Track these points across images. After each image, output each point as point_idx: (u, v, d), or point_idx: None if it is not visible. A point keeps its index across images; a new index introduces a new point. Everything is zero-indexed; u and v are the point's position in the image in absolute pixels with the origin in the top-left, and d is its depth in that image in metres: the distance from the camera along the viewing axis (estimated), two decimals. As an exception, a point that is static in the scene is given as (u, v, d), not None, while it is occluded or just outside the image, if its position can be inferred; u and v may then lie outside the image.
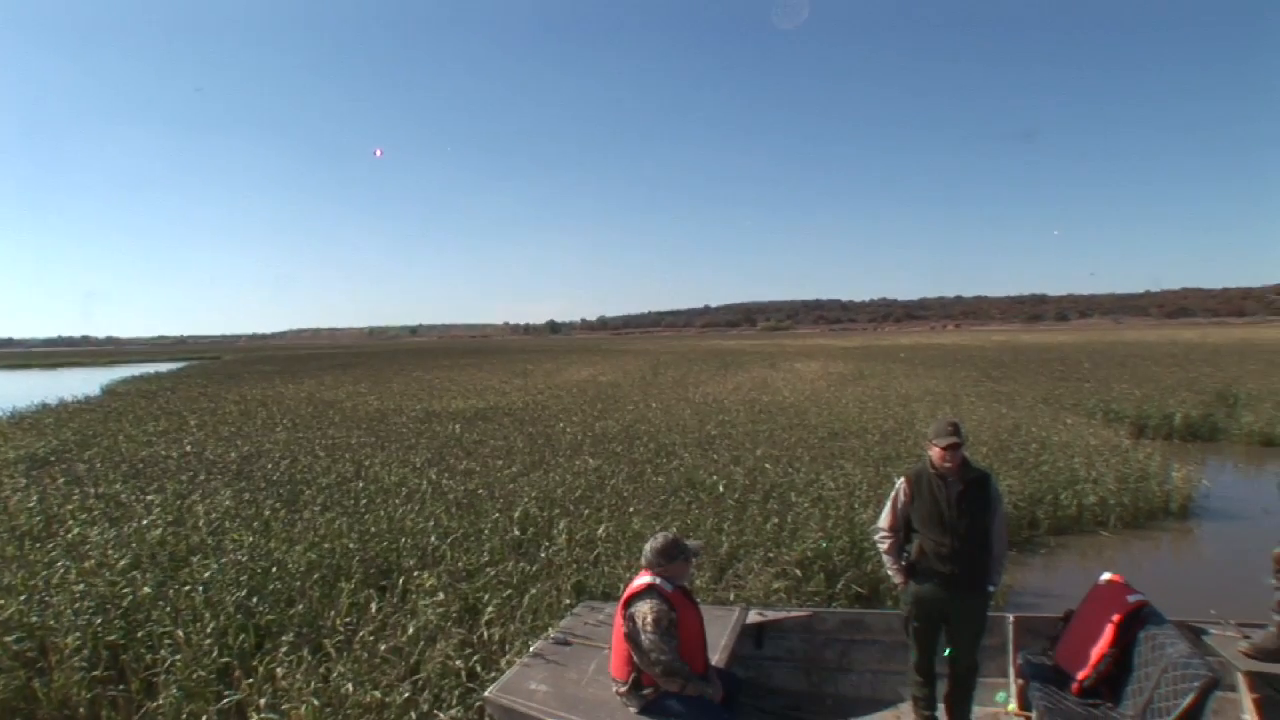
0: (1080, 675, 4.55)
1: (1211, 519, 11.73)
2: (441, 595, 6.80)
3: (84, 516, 9.52)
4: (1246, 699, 5.28)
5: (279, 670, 5.61)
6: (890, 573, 5.09)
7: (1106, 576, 4.89)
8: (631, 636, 4.18)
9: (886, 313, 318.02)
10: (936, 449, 4.78)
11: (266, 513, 9.60)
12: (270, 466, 12.94)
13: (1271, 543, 4.46)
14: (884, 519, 5.05)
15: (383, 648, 5.86)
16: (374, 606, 6.64)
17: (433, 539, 8.38)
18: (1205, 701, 3.71)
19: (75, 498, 10.56)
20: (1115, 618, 4.53)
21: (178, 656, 5.79)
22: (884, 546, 5.06)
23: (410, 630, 6.12)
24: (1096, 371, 32.34)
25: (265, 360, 72.12)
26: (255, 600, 6.76)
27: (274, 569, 7.44)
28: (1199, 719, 3.74)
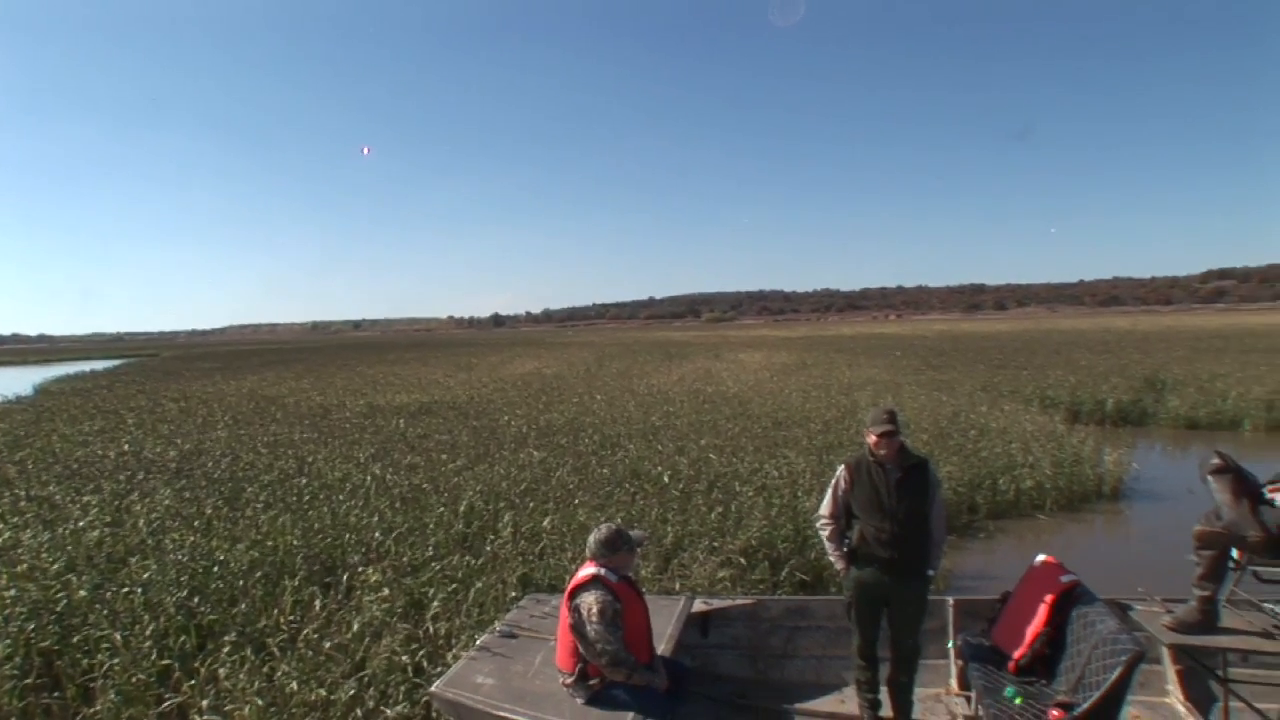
0: (1016, 654, 4.67)
1: (1141, 500, 12.13)
2: (386, 590, 6.76)
3: (15, 520, 9.24)
4: (1170, 670, 5.54)
5: (222, 671, 5.53)
6: (832, 559, 5.15)
7: (1041, 558, 5.02)
8: (577, 628, 4.20)
9: (829, 303, 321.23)
10: (873, 436, 4.86)
11: (208, 511, 9.44)
12: (211, 465, 12.70)
13: (1194, 521, 4.63)
14: (825, 506, 5.12)
15: (327, 645, 5.81)
16: (318, 604, 6.59)
17: (377, 534, 8.32)
18: (1132, 674, 3.84)
19: (5, 500, 10.27)
20: (1049, 598, 4.67)
21: (116, 660, 5.68)
22: (825, 534, 5.12)
23: (355, 627, 6.07)
24: (1033, 359, 33.08)
25: (205, 357, 70.63)
26: (197, 600, 6.65)
27: (215, 568, 7.32)
28: (1126, 691, 3.88)
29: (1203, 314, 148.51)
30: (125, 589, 6.81)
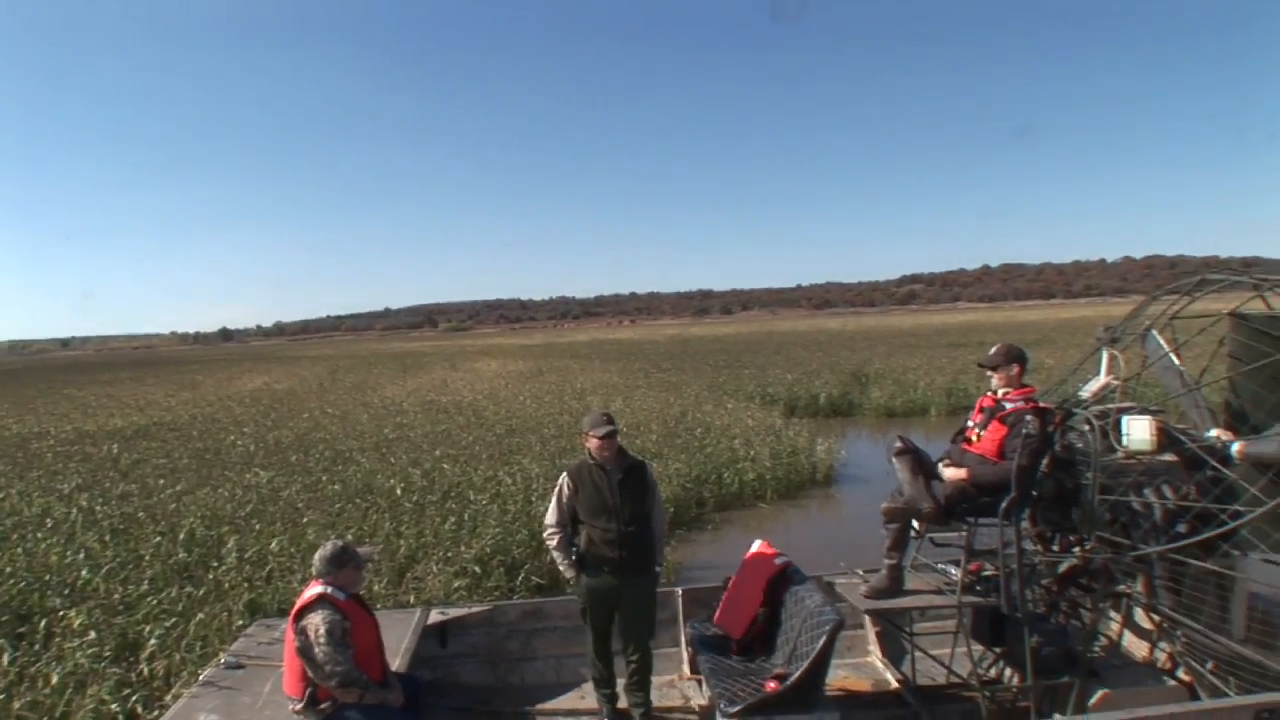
0: (737, 636, 4.97)
1: (849, 484, 13.37)
2: (94, 634, 6.19)
3: None
4: (871, 633, 6.17)
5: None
6: (562, 568, 5.24)
7: (757, 544, 5.35)
8: (304, 650, 4.00)
9: (565, 310, 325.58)
10: (594, 439, 4.97)
11: None
12: None
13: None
14: (551, 515, 5.17)
15: (17, 705, 5.26)
16: (5, 658, 5.91)
17: (84, 572, 7.60)
18: (834, 642, 4.21)
19: None
20: (764, 580, 4.99)
21: None
22: (553, 543, 5.18)
23: (55, 679, 5.52)
24: (755, 359, 35.30)
25: None
26: None
27: None
28: (830, 657, 4.26)
29: (898, 315, 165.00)
30: None
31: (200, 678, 4.92)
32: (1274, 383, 5.03)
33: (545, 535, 5.28)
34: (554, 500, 5.17)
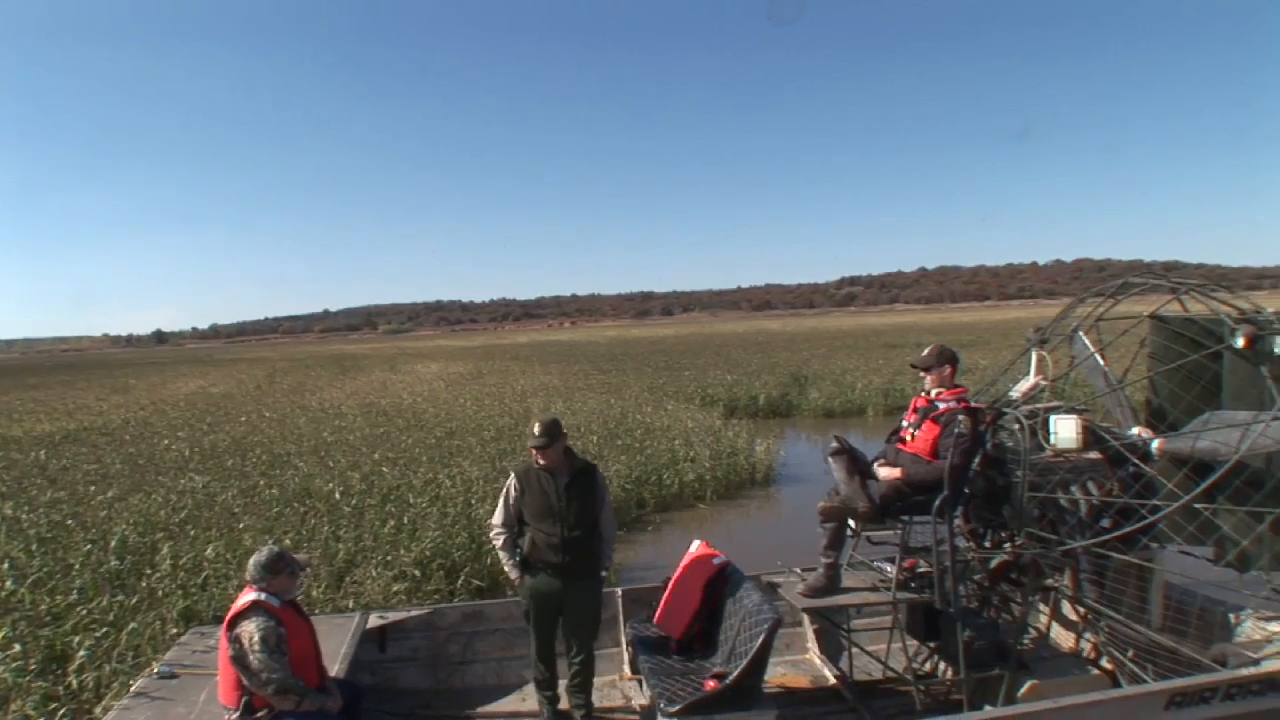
0: (677, 635, 4.99)
1: (788, 483, 13.53)
2: (18, 647, 5.99)
3: None
4: (809, 630, 6.26)
5: None
6: (506, 569, 5.22)
7: (696, 544, 5.36)
8: (239, 659, 3.93)
9: (506, 312, 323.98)
10: (533, 450, 5.01)
11: None
12: None
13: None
14: (497, 515, 5.17)
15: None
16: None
17: (9, 583, 7.35)
18: (773, 640, 4.25)
19: None
20: (702, 580, 5.01)
21: None
22: (499, 543, 5.18)
23: (-27, 698, 5.34)
24: (696, 360, 35.50)
25: None
26: None
27: None
28: (769, 655, 4.31)
29: (837, 316, 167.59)
30: None
31: (132, 689, 4.79)
32: (1190, 382, 5.24)
33: (491, 535, 5.28)
34: (501, 501, 5.17)
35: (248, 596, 4.09)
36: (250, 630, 3.94)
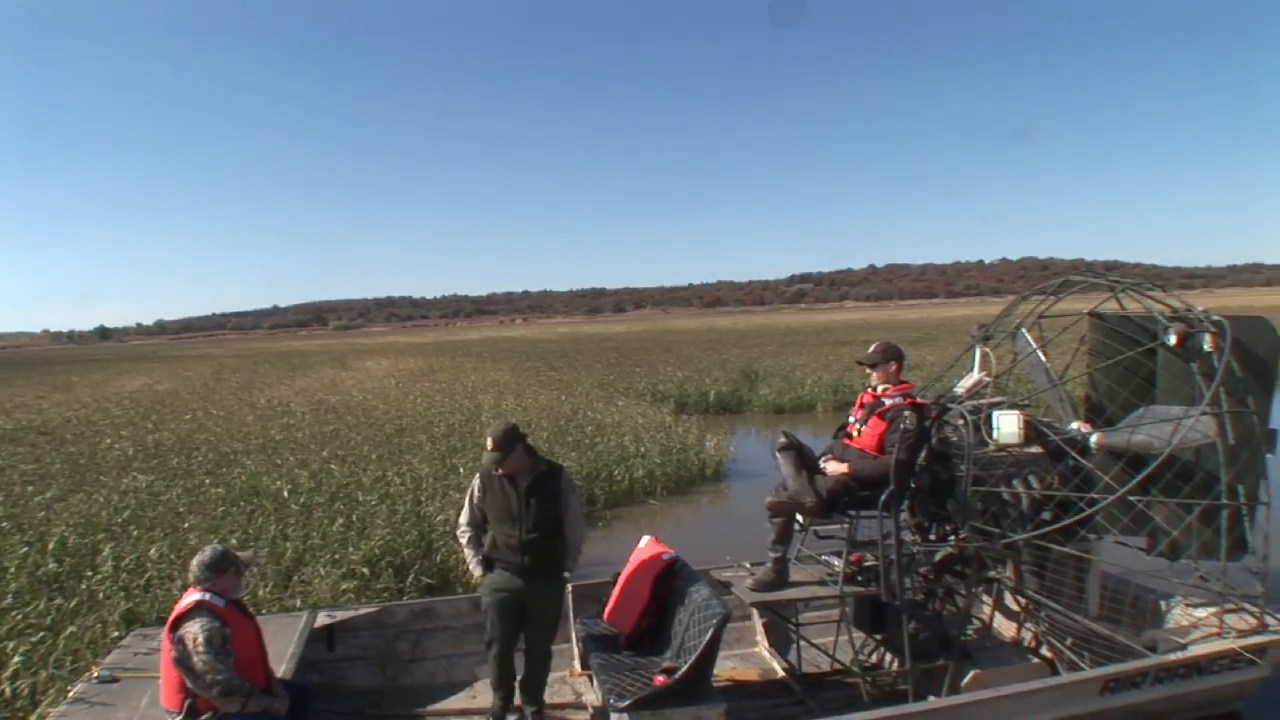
0: (627, 631, 5.00)
1: (738, 479, 13.59)
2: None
3: None
4: (758, 624, 6.32)
5: None
6: (470, 566, 5.22)
7: (646, 540, 5.40)
8: (182, 661, 3.86)
9: (458, 309, 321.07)
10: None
11: None
12: None
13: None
14: (464, 515, 5.17)
15: None
16: None
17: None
18: (721, 634, 4.28)
19: None
20: (652, 575, 5.03)
21: None
22: (464, 541, 5.18)
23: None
24: (647, 357, 35.57)
25: None
26: None
27: None
28: (718, 649, 4.33)
29: (788, 313, 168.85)
30: None
31: (70, 694, 4.68)
32: (1127, 378, 5.41)
33: (457, 533, 5.29)
34: (466, 500, 5.19)
35: (192, 597, 4.02)
36: (194, 631, 3.88)
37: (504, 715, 5.16)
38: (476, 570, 5.15)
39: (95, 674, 4.84)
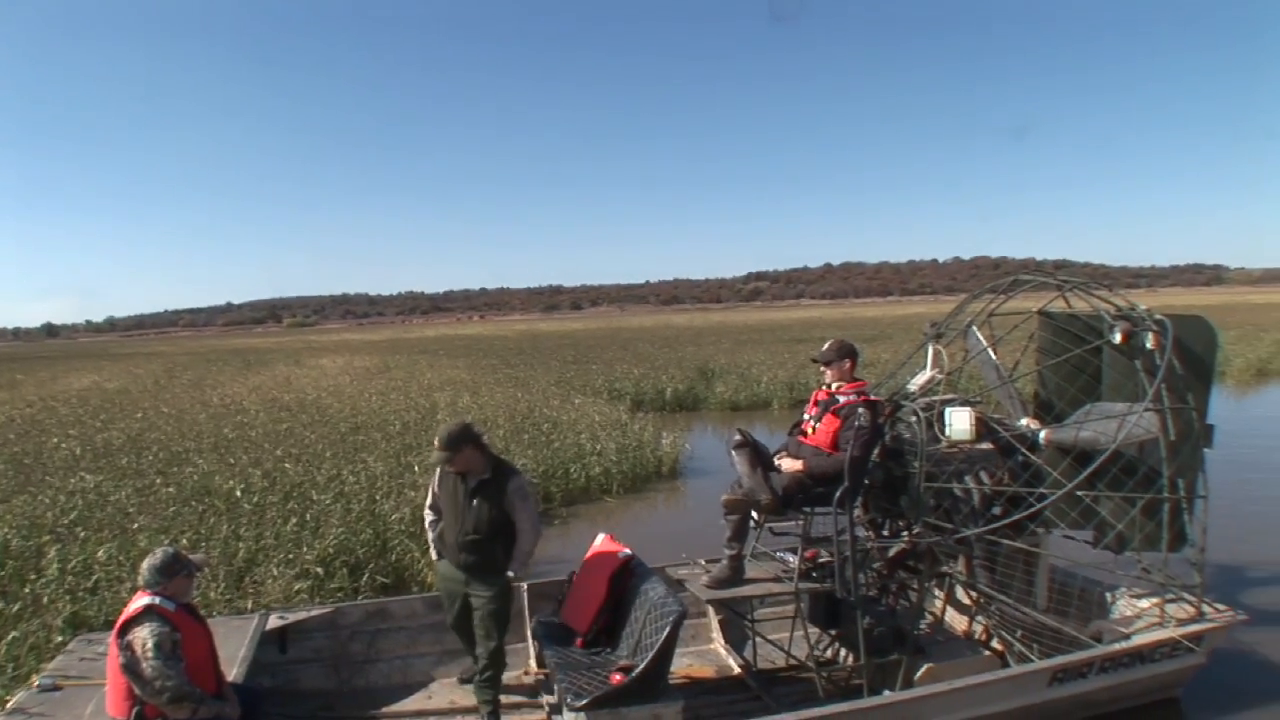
0: (582, 629, 4.99)
1: (694, 476, 13.63)
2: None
3: None
4: (714, 621, 6.36)
5: None
6: (431, 550, 5.38)
7: (601, 538, 5.43)
8: (130, 667, 3.76)
9: (414, 305, 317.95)
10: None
11: None
12: None
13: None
14: (429, 499, 5.33)
15: None
16: None
17: None
18: (678, 632, 4.30)
19: None
20: (607, 573, 5.05)
21: None
22: (427, 523, 5.34)
23: None
24: (604, 354, 35.53)
25: None
26: None
27: None
28: (674, 647, 4.35)
29: (744, 311, 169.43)
30: None
31: (8, 705, 4.53)
32: (1074, 375, 5.53)
33: (424, 513, 5.42)
34: (429, 490, 5.37)
35: (141, 601, 3.92)
36: (143, 636, 3.79)
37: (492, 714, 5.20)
38: (432, 553, 5.33)
39: (37, 682, 4.69)
